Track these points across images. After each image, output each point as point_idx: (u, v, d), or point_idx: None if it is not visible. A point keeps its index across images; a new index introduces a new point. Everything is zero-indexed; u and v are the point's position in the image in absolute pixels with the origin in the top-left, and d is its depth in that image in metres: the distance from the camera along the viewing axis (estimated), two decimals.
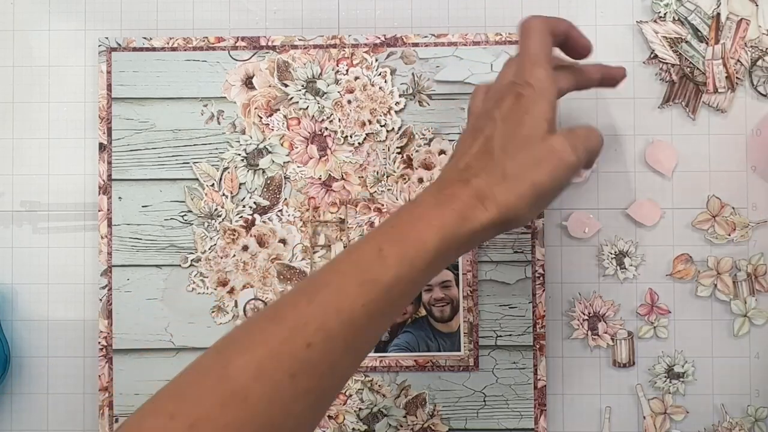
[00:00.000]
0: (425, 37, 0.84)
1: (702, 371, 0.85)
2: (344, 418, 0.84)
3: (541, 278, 0.83)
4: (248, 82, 0.85)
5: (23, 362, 0.85)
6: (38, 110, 0.86)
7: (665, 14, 0.84)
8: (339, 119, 0.84)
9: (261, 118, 0.84)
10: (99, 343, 0.84)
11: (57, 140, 0.86)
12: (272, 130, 0.84)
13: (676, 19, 0.84)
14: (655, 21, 0.85)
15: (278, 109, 0.84)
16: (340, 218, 0.84)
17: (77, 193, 0.86)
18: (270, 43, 0.84)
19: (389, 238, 0.62)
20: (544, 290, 0.83)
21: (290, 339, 0.58)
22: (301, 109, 0.84)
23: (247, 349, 0.58)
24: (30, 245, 0.86)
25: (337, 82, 0.84)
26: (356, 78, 0.84)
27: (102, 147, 0.84)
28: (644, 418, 0.84)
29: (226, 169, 0.84)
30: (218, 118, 0.85)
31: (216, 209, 0.84)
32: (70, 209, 0.86)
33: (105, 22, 0.86)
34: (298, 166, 0.84)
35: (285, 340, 0.58)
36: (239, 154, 0.84)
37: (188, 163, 0.85)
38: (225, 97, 0.85)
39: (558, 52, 0.72)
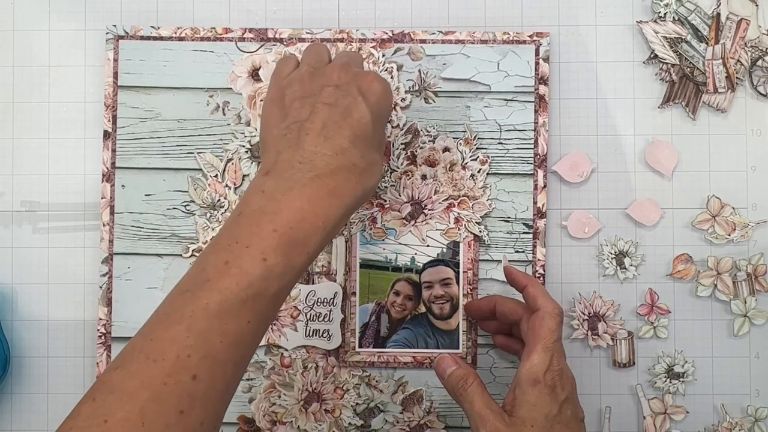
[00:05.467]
0: (433, 33, 0.84)
1: (702, 371, 0.85)
2: (341, 413, 0.83)
3: (542, 278, 0.83)
4: (255, 74, 0.84)
5: (23, 362, 0.85)
6: (38, 110, 0.86)
7: (665, 14, 0.84)
8: None
9: None
10: (98, 330, 0.83)
11: (57, 140, 0.86)
12: None
13: (676, 19, 0.85)
14: (655, 21, 0.85)
15: None
16: None
17: (77, 193, 0.86)
18: (277, 36, 0.84)
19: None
20: None
21: (173, 376, 0.54)
22: None
23: (127, 397, 0.53)
24: (30, 245, 0.86)
25: None
26: None
27: (106, 134, 0.84)
28: (644, 418, 0.84)
29: (229, 160, 0.84)
30: (223, 109, 0.85)
31: (219, 200, 0.84)
32: (70, 209, 0.86)
33: (105, 22, 0.86)
34: None
35: (168, 378, 0.54)
36: (243, 146, 0.84)
37: (192, 153, 0.84)
38: (231, 89, 0.84)
39: None
